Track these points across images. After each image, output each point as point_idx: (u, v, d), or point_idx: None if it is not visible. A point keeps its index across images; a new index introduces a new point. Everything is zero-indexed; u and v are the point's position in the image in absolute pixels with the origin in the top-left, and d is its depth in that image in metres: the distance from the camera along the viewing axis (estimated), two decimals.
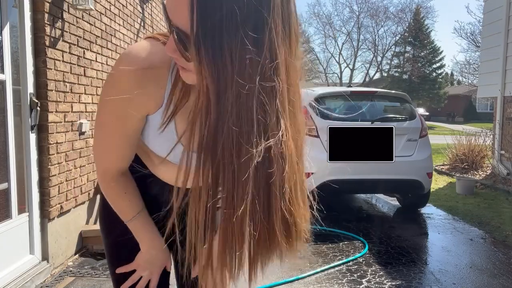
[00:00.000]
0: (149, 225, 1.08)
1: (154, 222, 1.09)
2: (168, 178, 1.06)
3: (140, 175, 1.06)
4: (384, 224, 4.43)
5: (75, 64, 3.19)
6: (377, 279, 2.95)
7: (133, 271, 1.11)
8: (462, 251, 3.58)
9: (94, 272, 2.95)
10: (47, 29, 2.79)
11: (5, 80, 2.55)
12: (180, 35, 0.69)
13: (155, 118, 0.90)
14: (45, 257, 2.89)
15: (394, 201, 5.43)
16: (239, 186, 0.68)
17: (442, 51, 36.82)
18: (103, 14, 3.71)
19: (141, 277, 1.11)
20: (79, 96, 3.28)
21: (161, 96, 0.87)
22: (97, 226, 1.22)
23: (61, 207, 3.04)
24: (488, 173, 7.13)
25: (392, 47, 35.41)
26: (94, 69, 3.53)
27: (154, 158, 1.04)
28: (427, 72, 34.36)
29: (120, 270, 1.11)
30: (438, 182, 6.84)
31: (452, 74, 44.56)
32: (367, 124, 4.34)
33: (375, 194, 5.75)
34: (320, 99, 4.62)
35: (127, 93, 0.85)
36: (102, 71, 3.69)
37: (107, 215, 1.12)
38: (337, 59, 37.26)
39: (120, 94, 0.86)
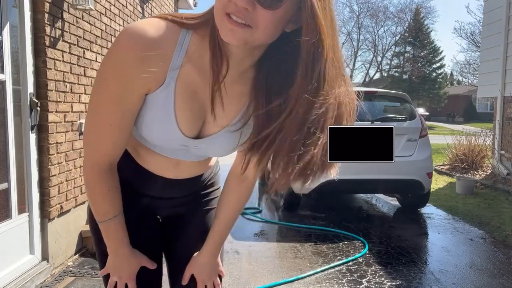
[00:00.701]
0: (120, 232, 1.03)
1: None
2: (157, 169, 1.06)
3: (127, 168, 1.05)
4: (384, 224, 4.43)
5: (75, 64, 3.19)
6: (377, 279, 2.95)
7: None
8: (462, 251, 3.58)
9: (94, 272, 2.95)
10: (47, 29, 2.79)
11: (5, 80, 2.55)
12: None
13: (155, 97, 0.88)
14: (45, 257, 2.89)
15: (394, 201, 5.43)
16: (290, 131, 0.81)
17: (442, 51, 36.88)
18: (103, 14, 3.71)
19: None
20: (79, 96, 3.28)
21: (164, 73, 0.85)
22: None
23: (61, 207, 3.04)
24: (488, 173, 7.13)
25: (392, 47, 35.46)
26: (94, 69, 3.53)
27: (141, 149, 1.03)
28: (427, 72, 34.36)
29: (101, 272, 1.10)
30: (438, 182, 6.84)
31: (452, 74, 44.62)
32: (367, 124, 4.34)
33: (375, 194, 5.75)
34: None
35: (130, 68, 0.82)
36: None
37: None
38: None
39: (122, 71, 0.83)
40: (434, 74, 34.81)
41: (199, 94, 0.90)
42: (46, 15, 2.78)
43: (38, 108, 2.76)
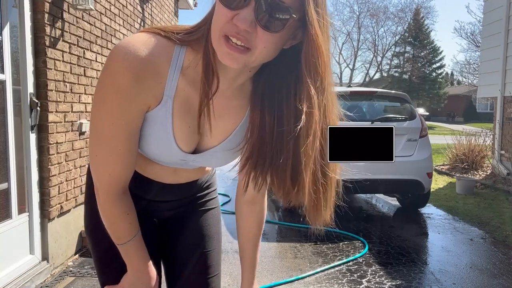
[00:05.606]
0: (142, 249, 1.01)
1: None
2: (154, 176, 1.05)
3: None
4: (384, 224, 4.43)
5: (75, 64, 3.19)
6: (377, 279, 2.95)
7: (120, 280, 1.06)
8: (462, 251, 3.58)
9: (94, 272, 2.95)
10: (47, 29, 2.79)
11: (5, 80, 2.55)
12: (268, 4, 0.70)
13: (153, 115, 0.87)
14: (45, 257, 2.89)
15: (394, 201, 5.43)
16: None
17: (442, 51, 36.89)
18: (103, 14, 3.71)
19: None
20: (79, 96, 3.28)
21: (161, 90, 0.84)
22: None
23: (61, 207, 3.04)
24: (488, 173, 7.13)
25: (392, 47, 35.44)
26: (94, 69, 3.53)
27: (137, 158, 1.01)
28: (427, 72, 34.34)
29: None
30: (438, 182, 6.84)
31: (452, 74, 44.63)
32: (367, 124, 4.34)
33: (375, 194, 5.75)
34: None
35: (127, 90, 0.80)
36: None
37: (96, 228, 1.05)
38: (337, 59, 37.25)
39: (120, 92, 0.81)
40: (434, 74, 34.79)
41: (196, 109, 0.89)
42: (46, 15, 2.78)
43: (38, 108, 2.76)
